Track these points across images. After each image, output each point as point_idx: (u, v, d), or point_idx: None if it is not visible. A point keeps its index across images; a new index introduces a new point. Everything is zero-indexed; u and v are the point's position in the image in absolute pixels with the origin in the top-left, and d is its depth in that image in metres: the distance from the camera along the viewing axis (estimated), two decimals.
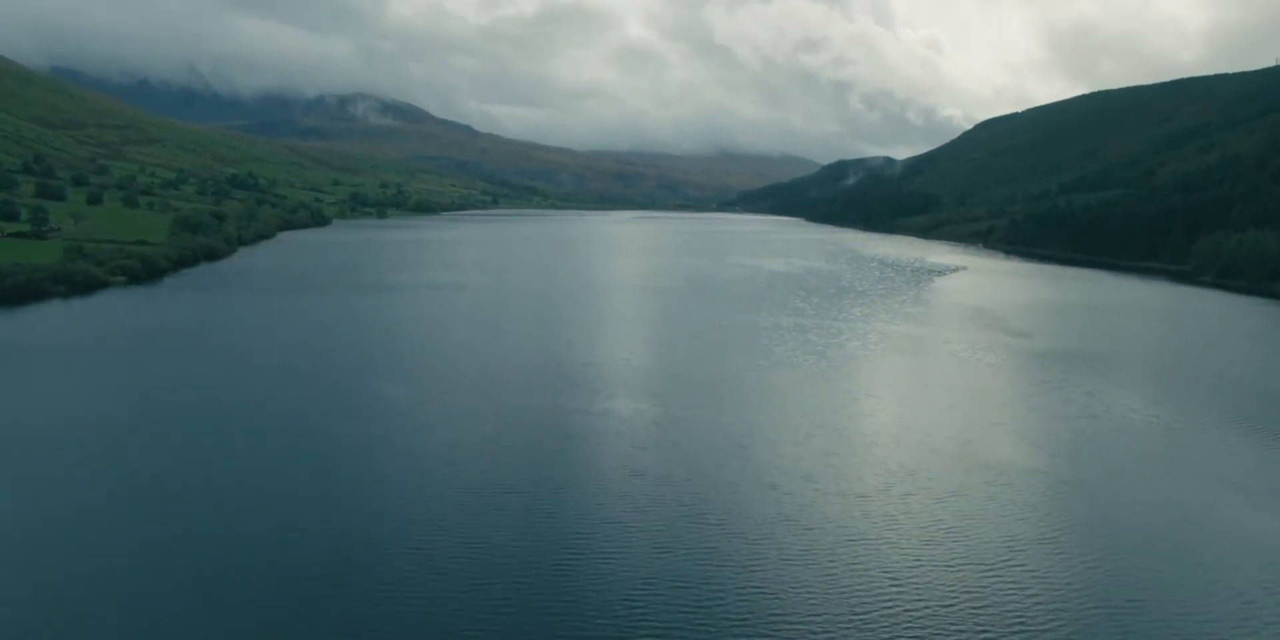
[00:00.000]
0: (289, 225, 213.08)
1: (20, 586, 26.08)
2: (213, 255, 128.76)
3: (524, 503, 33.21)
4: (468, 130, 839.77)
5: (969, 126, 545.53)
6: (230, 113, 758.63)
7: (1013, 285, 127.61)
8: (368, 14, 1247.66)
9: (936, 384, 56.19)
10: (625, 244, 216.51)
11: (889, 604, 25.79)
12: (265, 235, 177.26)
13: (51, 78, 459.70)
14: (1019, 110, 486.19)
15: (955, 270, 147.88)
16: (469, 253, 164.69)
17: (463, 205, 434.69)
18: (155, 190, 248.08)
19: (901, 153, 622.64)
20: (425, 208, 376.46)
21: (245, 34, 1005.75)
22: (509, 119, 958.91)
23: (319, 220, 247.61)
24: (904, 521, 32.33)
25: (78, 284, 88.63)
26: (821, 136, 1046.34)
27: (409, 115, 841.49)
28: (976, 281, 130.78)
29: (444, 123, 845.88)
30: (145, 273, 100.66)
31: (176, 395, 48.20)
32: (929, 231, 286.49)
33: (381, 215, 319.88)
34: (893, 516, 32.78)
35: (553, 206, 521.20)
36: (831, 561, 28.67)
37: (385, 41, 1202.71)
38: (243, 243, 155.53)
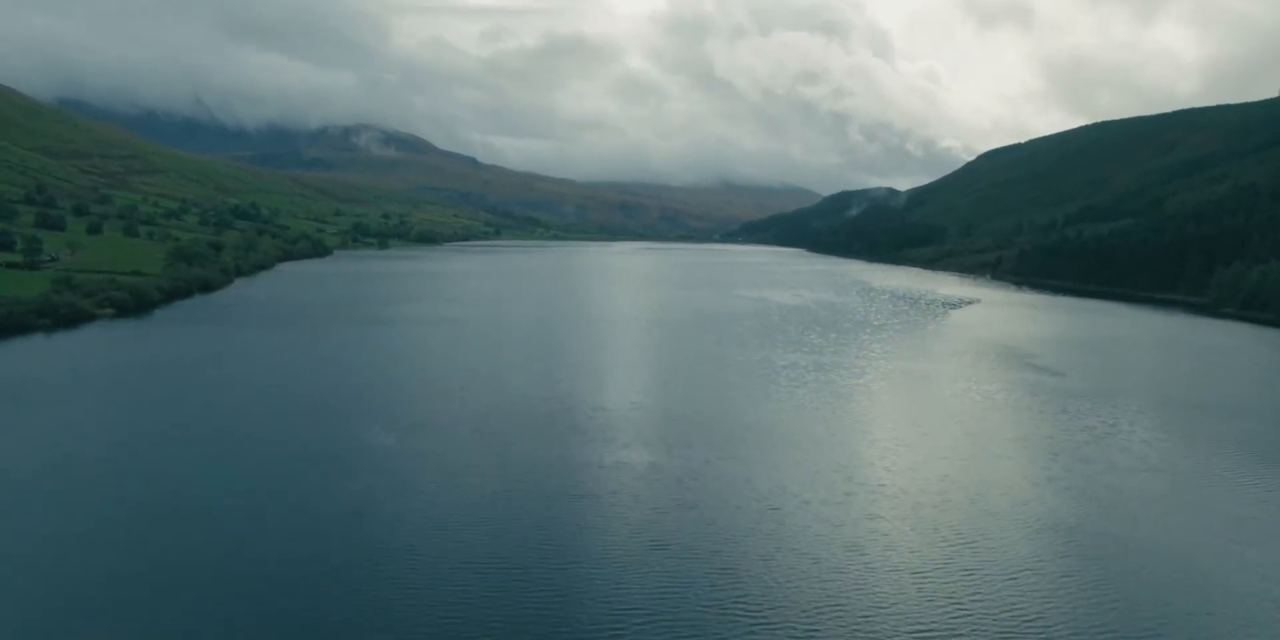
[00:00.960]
0: (289, 256, 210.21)
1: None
2: (207, 286, 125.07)
3: (526, 583, 28.70)
4: (471, 162, 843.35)
5: (968, 157, 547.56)
6: (235, 144, 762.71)
7: (1031, 318, 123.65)
8: (371, 47, 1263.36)
9: (977, 431, 51.84)
10: (629, 275, 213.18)
11: None
12: (264, 266, 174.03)
13: (58, 109, 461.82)
14: (1019, 141, 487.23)
15: (969, 303, 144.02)
16: (469, 284, 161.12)
17: (465, 236, 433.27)
18: (157, 220, 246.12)
19: (902, 183, 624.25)
20: (427, 238, 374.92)
21: (250, 66, 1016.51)
22: (511, 150, 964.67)
23: (320, 251, 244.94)
24: (972, 606, 27.81)
25: (63, 317, 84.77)
26: (822, 167, 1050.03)
27: (412, 146, 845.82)
28: (992, 314, 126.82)
29: (447, 154, 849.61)
30: (135, 305, 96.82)
31: (140, 438, 43.99)
32: (935, 262, 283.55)
33: (383, 246, 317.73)
34: (958, 600, 28.23)
35: (555, 237, 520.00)
36: None
37: (388, 74, 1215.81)
38: (240, 274, 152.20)
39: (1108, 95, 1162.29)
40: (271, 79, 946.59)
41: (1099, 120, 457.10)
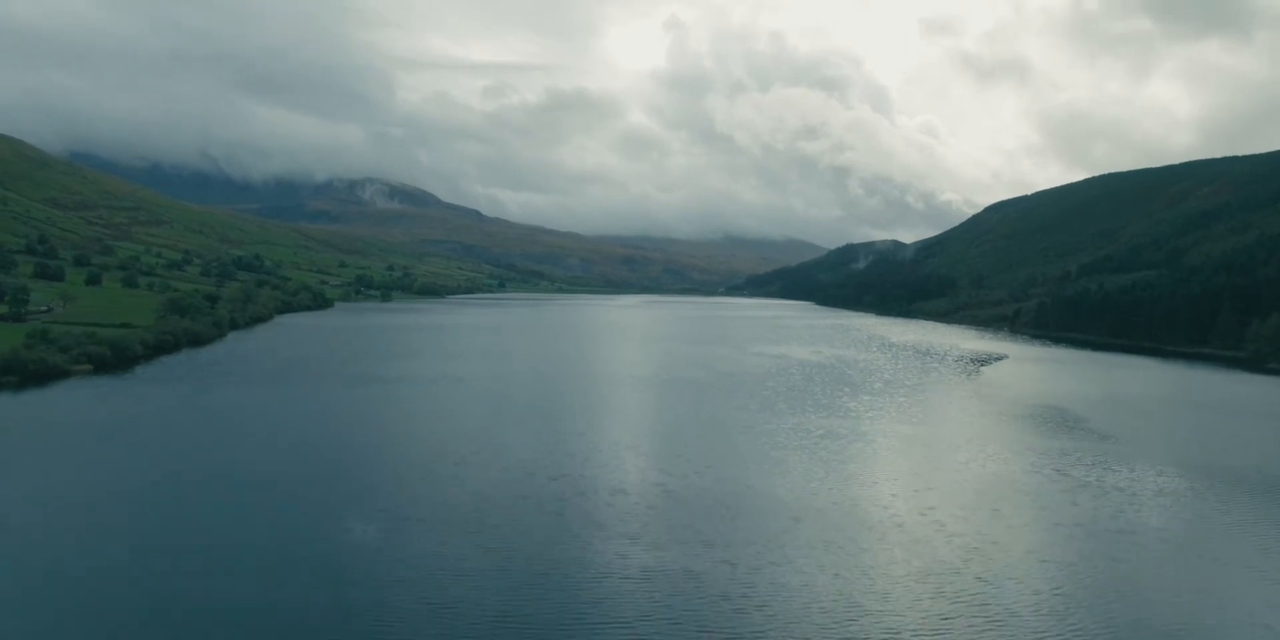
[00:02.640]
0: (289, 307, 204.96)
1: None
2: (198, 340, 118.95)
3: None
4: (475, 214, 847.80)
5: (969, 210, 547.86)
6: (241, 196, 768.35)
7: (1066, 375, 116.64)
8: (378, 102, 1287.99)
9: (1057, 520, 43.88)
10: (637, 330, 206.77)
11: None
12: (261, 318, 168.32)
13: (68, 161, 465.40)
14: (1019, 194, 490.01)
15: (996, 358, 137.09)
16: (473, 339, 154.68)
17: (469, 289, 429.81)
18: (158, 271, 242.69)
19: (904, 236, 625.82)
20: (431, 291, 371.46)
21: (258, 120, 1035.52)
22: (514, 203, 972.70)
23: (320, 303, 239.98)
24: None
25: (33, 373, 78.41)
26: (823, 221, 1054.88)
27: (417, 199, 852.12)
28: (1025, 371, 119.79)
29: (451, 207, 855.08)
30: (115, 360, 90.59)
31: (80, 511, 36.88)
32: (949, 316, 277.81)
33: (386, 298, 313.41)
34: None
35: (559, 290, 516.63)
36: None
37: (394, 128, 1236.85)
38: (236, 326, 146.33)
39: (1104, 149, 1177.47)
40: (279, 133, 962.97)
41: (1098, 173, 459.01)
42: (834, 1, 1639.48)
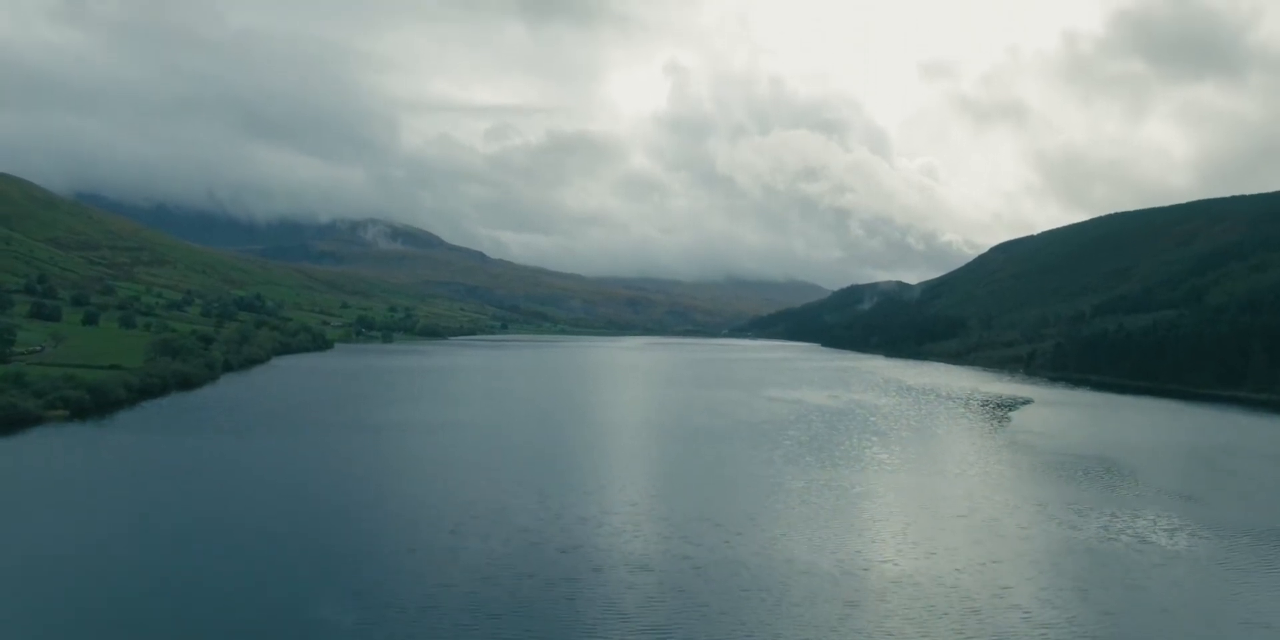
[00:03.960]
0: (287, 349, 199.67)
1: None
2: (187, 383, 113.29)
3: None
4: (479, 256, 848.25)
5: (970, 250, 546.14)
6: (246, 237, 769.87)
7: (1106, 421, 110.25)
8: (381, 144, 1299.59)
9: (1161, 605, 37.62)
10: (644, 373, 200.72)
11: None
12: (258, 360, 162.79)
13: (74, 202, 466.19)
14: (1019, 234, 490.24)
15: (1022, 403, 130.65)
16: (474, 382, 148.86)
17: (472, 330, 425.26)
18: (157, 311, 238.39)
19: (906, 276, 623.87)
20: (433, 332, 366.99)
21: (263, 162, 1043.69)
22: (517, 245, 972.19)
23: (320, 344, 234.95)
24: None
25: (1, 420, 72.72)
26: (825, 262, 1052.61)
27: (420, 241, 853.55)
28: (1057, 417, 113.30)
29: (455, 248, 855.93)
30: (94, 405, 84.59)
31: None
32: (960, 357, 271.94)
33: (387, 339, 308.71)
34: None
35: (562, 332, 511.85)
36: None
37: (397, 170, 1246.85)
38: (230, 368, 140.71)
39: (1103, 189, 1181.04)
40: (283, 175, 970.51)
41: (1097, 213, 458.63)
42: (833, 46, 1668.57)
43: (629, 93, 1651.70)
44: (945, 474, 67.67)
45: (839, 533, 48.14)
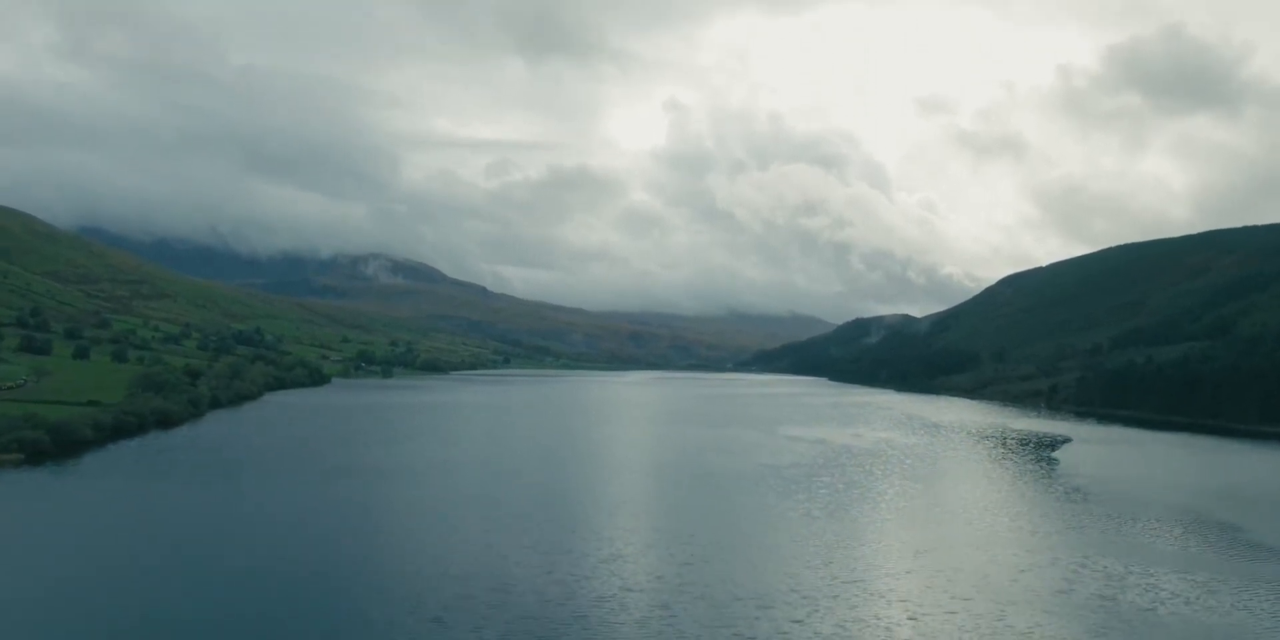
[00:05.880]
0: (281, 384, 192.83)
1: None
2: (167, 421, 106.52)
3: None
4: (481, 291, 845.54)
5: (970, 284, 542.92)
6: (247, 272, 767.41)
7: (1161, 461, 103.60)
8: (383, 179, 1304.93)
9: None
10: (651, 410, 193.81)
11: None
12: (249, 396, 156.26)
13: (75, 235, 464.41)
14: (1020, 267, 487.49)
15: (1062, 441, 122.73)
16: (473, 420, 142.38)
17: (474, 364, 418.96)
18: (152, 345, 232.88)
19: (907, 310, 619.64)
20: (434, 367, 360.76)
21: (265, 197, 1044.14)
22: (518, 280, 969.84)
23: (317, 379, 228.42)
24: None
25: None
26: (826, 295, 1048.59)
27: (422, 275, 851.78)
28: (1108, 457, 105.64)
29: (457, 283, 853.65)
30: (54, 447, 77.17)
31: None
32: (976, 391, 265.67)
33: (387, 374, 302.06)
34: None
35: (565, 366, 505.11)
36: None
37: (399, 205, 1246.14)
38: (218, 405, 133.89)
39: (1102, 223, 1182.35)
40: (285, 210, 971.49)
41: (1097, 246, 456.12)
42: (831, 83, 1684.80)
43: (629, 129, 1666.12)
44: (1012, 531, 60.35)
45: (900, 596, 41.74)
